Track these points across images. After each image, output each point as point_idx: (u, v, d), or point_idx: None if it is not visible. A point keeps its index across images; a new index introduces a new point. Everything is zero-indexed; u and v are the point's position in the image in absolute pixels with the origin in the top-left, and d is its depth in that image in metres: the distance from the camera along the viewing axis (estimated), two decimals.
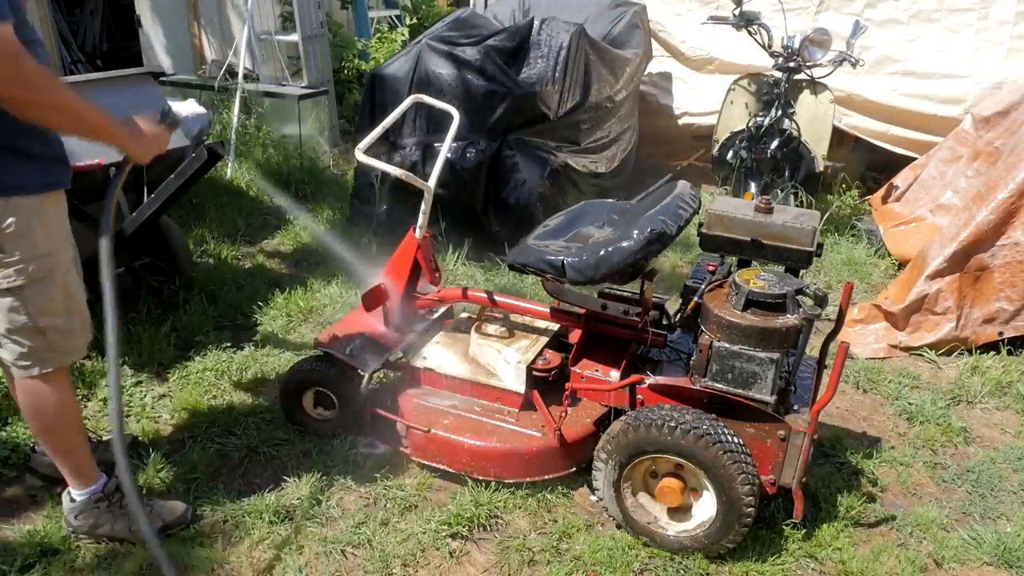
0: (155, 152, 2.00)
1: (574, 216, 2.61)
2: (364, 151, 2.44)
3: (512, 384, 2.57)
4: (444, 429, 2.50)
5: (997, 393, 3.15)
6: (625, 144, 5.07)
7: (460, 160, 3.96)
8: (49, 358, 2.02)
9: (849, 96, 4.90)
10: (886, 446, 2.82)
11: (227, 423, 2.81)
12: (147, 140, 1.97)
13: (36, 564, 2.18)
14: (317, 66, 5.96)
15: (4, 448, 2.60)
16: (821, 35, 4.24)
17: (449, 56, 3.99)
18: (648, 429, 2.12)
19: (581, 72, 4.33)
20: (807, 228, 2.20)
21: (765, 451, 2.15)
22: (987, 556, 2.31)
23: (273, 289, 3.78)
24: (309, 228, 4.50)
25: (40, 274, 1.92)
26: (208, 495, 2.46)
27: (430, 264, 2.77)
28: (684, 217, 2.27)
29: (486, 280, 3.96)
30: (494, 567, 2.25)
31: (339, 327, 2.80)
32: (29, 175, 1.85)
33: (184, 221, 4.44)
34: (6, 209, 1.83)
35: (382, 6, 7.98)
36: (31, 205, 1.87)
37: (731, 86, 4.79)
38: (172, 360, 3.20)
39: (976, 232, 3.33)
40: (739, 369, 2.10)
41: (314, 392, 2.72)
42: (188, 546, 2.24)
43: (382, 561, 2.23)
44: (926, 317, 3.42)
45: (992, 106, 4.17)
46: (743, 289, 2.10)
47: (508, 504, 2.44)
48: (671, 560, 2.24)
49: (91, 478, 2.23)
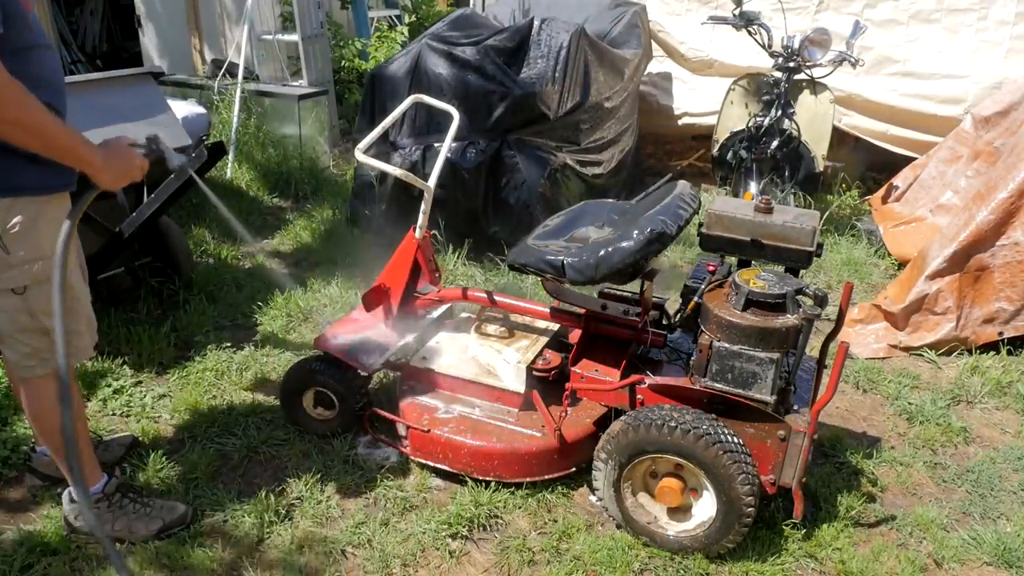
0: (124, 182, 1.92)
1: (574, 216, 2.61)
2: (364, 151, 2.44)
3: (512, 384, 2.57)
4: (444, 429, 2.50)
5: (997, 393, 3.15)
6: (625, 144, 5.06)
7: (460, 160, 3.96)
8: (51, 359, 2.01)
9: (849, 96, 4.90)
10: (886, 446, 2.82)
11: (227, 423, 2.81)
12: (119, 168, 1.88)
13: (36, 564, 2.18)
14: (317, 66, 5.96)
15: (4, 448, 2.60)
16: (821, 35, 4.24)
17: (449, 56, 3.99)
18: (648, 429, 2.12)
19: (581, 72, 4.32)
20: (807, 228, 2.20)
21: (765, 451, 2.15)
22: (987, 556, 2.31)
23: (273, 289, 3.78)
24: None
25: (45, 275, 1.91)
26: (208, 495, 2.46)
27: (430, 264, 2.77)
28: (684, 217, 2.27)
29: (486, 280, 3.96)
30: (494, 567, 2.25)
31: (339, 327, 2.80)
32: (34, 176, 1.85)
33: (184, 221, 4.44)
34: (12, 209, 1.84)
35: (382, 6, 7.98)
36: (36, 206, 1.88)
37: (731, 86, 4.79)
38: (172, 360, 3.20)
39: (976, 232, 3.33)
40: (739, 369, 2.10)
41: (314, 392, 2.72)
42: (188, 546, 2.24)
43: (382, 561, 2.23)
44: (926, 317, 3.42)
45: (992, 106, 4.17)
46: (743, 289, 2.10)
47: (508, 504, 2.44)
48: (671, 560, 2.24)
49: (93, 478, 2.24)
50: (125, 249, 3.30)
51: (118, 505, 2.26)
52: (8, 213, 1.84)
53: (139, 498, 2.31)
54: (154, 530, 2.26)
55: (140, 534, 2.25)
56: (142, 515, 2.27)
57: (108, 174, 1.86)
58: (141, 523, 2.26)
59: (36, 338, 1.99)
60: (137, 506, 2.28)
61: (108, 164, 1.85)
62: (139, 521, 2.26)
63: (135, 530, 2.26)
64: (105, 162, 1.84)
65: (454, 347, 2.74)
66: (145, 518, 2.27)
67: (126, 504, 2.28)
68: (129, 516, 2.26)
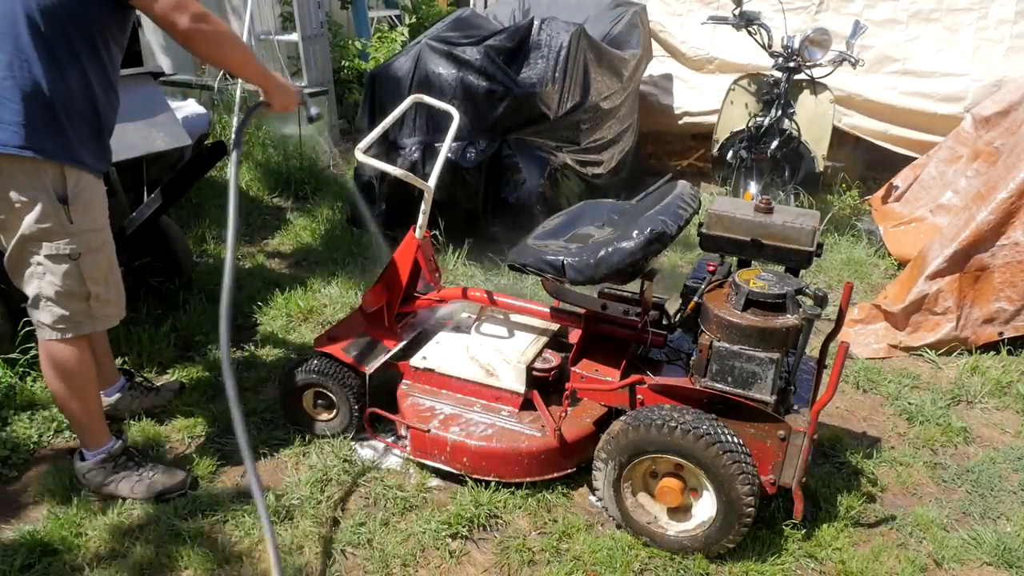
0: (289, 107, 2.32)
1: (574, 216, 2.61)
2: (364, 151, 2.44)
3: (512, 384, 2.57)
4: (444, 429, 2.50)
5: (997, 393, 3.15)
6: (625, 144, 5.06)
7: (460, 160, 3.96)
8: (84, 323, 2.25)
9: (849, 96, 4.90)
10: (886, 446, 2.82)
11: (227, 423, 2.81)
12: (286, 94, 2.29)
13: (36, 564, 2.18)
14: (317, 66, 5.96)
15: (4, 448, 2.61)
16: (821, 35, 4.24)
17: (449, 56, 3.98)
18: (648, 429, 2.12)
19: (581, 72, 4.33)
20: (807, 228, 2.20)
21: (765, 451, 2.15)
22: (987, 556, 2.31)
23: (273, 289, 3.78)
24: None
25: (95, 244, 2.19)
26: (208, 495, 2.46)
27: (430, 264, 2.77)
28: (684, 217, 2.27)
29: (486, 280, 3.96)
30: (494, 567, 2.25)
31: (339, 327, 2.80)
32: (90, 156, 2.13)
33: (184, 221, 4.44)
34: (80, 181, 2.10)
35: (382, 6, 7.98)
36: (95, 184, 2.18)
37: (731, 86, 4.79)
38: (172, 360, 3.20)
39: (976, 232, 3.33)
40: (739, 369, 2.10)
41: (314, 392, 2.72)
42: (188, 546, 2.24)
43: (382, 561, 2.23)
44: (926, 317, 3.42)
45: (992, 106, 4.17)
46: (743, 289, 2.10)
47: (508, 504, 2.44)
48: (671, 560, 2.24)
49: (103, 440, 2.43)
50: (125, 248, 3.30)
51: (123, 466, 2.44)
52: (77, 183, 2.09)
53: (142, 461, 2.49)
54: (154, 492, 2.42)
55: (139, 495, 2.41)
56: (144, 477, 2.44)
57: (279, 94, 2.27)
58: (142, 485, 2.43)
59: (76, 302, 2.20)
60: (140, 469, 2.46)
61: (281, 87, 2.27)
62: (140, 483, 2.43)
63: (136, 491, 2.42)
64: (280, 85, 2.27)
65: (454, 347, 2.74)
66: (147, 479, 2.44)
67: (130, 466, 2.45)
68: (132, 478, 2.43)
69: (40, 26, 1.93)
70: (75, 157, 2.07)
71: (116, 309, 2.35)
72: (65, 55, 1.99)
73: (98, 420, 2.42)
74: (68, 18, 1.97)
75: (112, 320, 2.35)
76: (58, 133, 2.02)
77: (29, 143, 1.97)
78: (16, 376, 2.89)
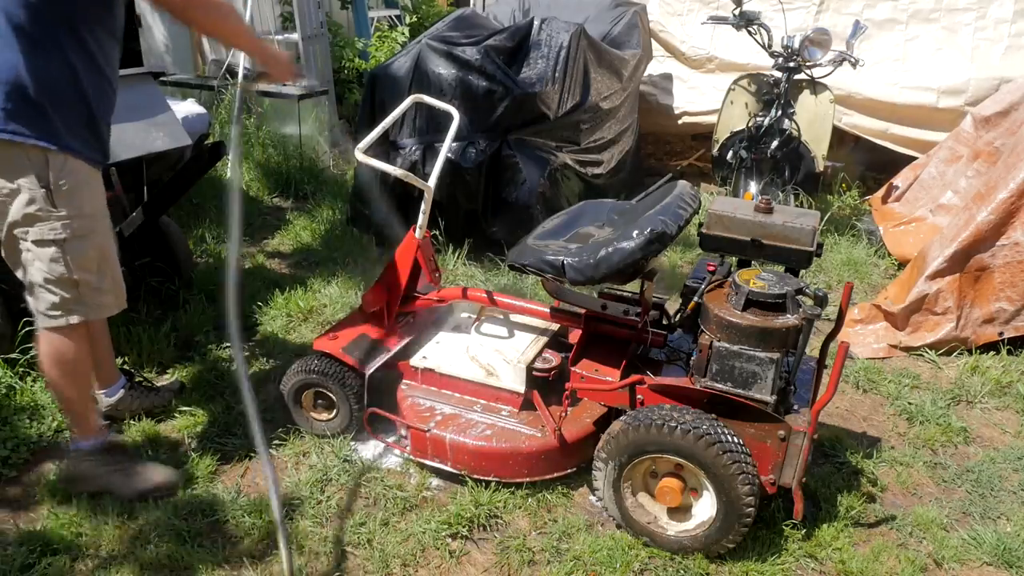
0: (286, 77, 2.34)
1: (574, 216, 2.61)
2: (364, 151, 2.44)
3: (512, 384, 2.57)
4: (444, 429, 2.50)
5: (997, 393, 3.15)
6: (625, 144, 5.07)
7: (460, 160, 3.96)
8: (76, 310, 2.24)
9: (849, 95, 4.90)
10: (886, 446, 2.82)
11: (227, 423, 2.82)
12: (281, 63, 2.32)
13: (36, 564, 2.18)
14: (317, 66, 5.96)
15: (4, 448, 2.60)
16: (821, 35, 4.24)
17: (449, 56, 3.98)
18: (648, 429, 2.12)
19: (581, 72, 4.33)
20: (807, 228, 2.20)
21: (765, 451, 2.15)
22: (987, 556, 2.31)
23: (273, 289, 3.78)
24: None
25: (82, 232, 2.17)
26: (208, 495, 2.45)
27: (430, 264, 2.77)
28: (684, 217, 2.27)
29: (486, 280, 3.96)
30: (494, 567, 2.25)
31: (339, 327, 2.80)
32: (83, 143, 2.13)
33: (184, 221, 4.44)
34: (66, 167, 2.09)
35: (382, 6, 7.98)
36: (84, 172, 2.16)
37: (731, 86, 4.79)
38: (172, 360, 3.20)
39: (976, 232, 3.33)
40: (739, 369, 2.10)
41: (314, 392, 2.72)
42: (188, 546, 2.24)
43: (382, 561, 2.23)
44: (926, 317, 3.42)
45: (992, 106, 4.17)
46: (743, 289, 2.10)
47: (508, 504, 2.44)
48: (671, 560, 2.24)
49: (93, 431, 2.42)
50: (125, 249, 3.30)
51: (116, 461, 2.43)
52: (63, 169, 2.09)
53: (135, 458, 2.50)
54: (138, 490, 2.41)
55: (131, 491, 2.40)
56: (131, 473, 2.42)
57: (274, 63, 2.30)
58: (134, 480, 2.42)
59: (64, 288, 2.19)
60: (133, 465, 2.46)
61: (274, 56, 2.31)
62: (132, 479, 2.42)
63: (127, 487, 2.41)
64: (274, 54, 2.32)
65: (454, 347, 2.74)
66: (135, 476, 2.42)
67: (123, 461, 2.45)
68: (124, 473, 2.42)
69: (14, 11, 1.94)
70: (61, 142, 2.06)
71: (112, 299, 2.34)
72: (44, 40, 1.99)
73: (91, 410, 2.43)
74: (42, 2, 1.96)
75: (109, 309, 2.35)
76: (40, 117, 2.02)
77: (7, 126, 1.99)
78: (16, 376, 2.88)
